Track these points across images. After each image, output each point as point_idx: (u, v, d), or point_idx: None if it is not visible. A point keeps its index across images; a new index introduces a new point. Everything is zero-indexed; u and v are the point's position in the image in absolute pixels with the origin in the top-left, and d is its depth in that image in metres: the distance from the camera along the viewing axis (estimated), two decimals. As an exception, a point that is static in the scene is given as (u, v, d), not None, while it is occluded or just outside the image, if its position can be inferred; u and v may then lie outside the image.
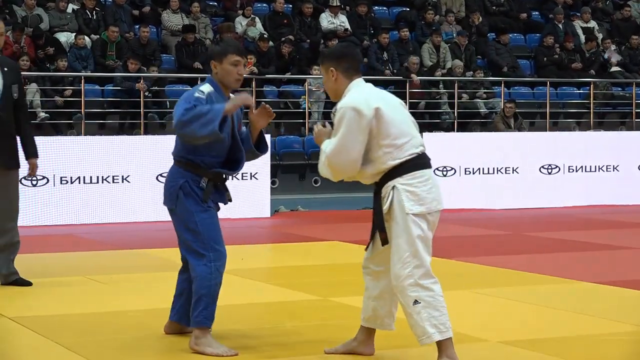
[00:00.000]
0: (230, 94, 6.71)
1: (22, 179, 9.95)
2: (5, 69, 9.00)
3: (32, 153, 9.13)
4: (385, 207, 5.91)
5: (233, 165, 6.73)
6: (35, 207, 14.04)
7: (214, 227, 6.57)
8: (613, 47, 22.36)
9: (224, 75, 6.64)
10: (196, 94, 6.54)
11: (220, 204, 6.79)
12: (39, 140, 9.34)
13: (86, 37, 18.37)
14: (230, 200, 6.84)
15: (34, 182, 13.96)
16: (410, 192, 5.85)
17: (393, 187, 5.88)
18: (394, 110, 6.02)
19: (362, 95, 5.98)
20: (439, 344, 5.89)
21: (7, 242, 8.99)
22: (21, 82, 9.26)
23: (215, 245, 6.52)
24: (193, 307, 6.52)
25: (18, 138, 9.11)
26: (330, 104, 18.74)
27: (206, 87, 6.63)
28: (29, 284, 9.02)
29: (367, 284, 6.24)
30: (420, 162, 5.94)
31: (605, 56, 22.05)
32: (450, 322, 5.89)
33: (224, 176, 6.76)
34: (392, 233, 5.91)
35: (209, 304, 6.48)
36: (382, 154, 5.89)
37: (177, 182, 6.58)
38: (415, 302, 5.83)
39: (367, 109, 5.87)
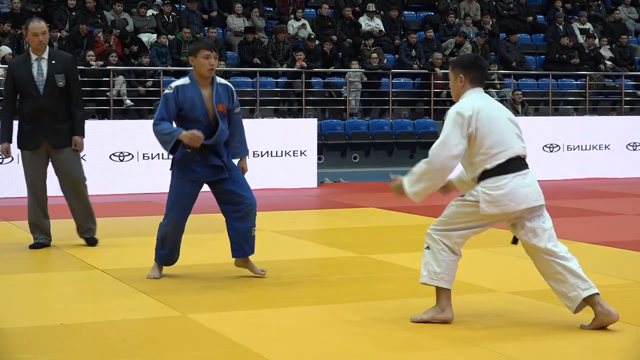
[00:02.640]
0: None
1: (111, 155, 9.89)
2: (53, 61, 8.54)
3: (76, 132, 8.64)
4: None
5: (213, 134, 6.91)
6: (122, 179, 14.13)
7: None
8: (607, 46, 22.10)
9: (199, 67, 6.89)
10: (166, 91, 6.99)
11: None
12: (125, 124, 9.29)
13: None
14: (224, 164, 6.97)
15: (121, 158, 14.03)
16: (487, 195, 5.50)
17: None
18: (497, 121, 5.56)
19: (470, 103, 5.61)
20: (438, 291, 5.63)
21: (80, 206, 8.78)
22: (72, 72, 8.65)
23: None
24: None
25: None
26: (365, 94, 18.72)
27: (181, 81, 7.02)
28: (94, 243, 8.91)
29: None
30: (509, 166, 5.54)
31: (601, 52, 21.80)
32: (447, 276, 5.61)
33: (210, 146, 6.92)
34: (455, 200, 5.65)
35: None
36: (479, 160, 5.51)
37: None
38: (428, 247, 5.66)
39: (468, 113, 5.52)
